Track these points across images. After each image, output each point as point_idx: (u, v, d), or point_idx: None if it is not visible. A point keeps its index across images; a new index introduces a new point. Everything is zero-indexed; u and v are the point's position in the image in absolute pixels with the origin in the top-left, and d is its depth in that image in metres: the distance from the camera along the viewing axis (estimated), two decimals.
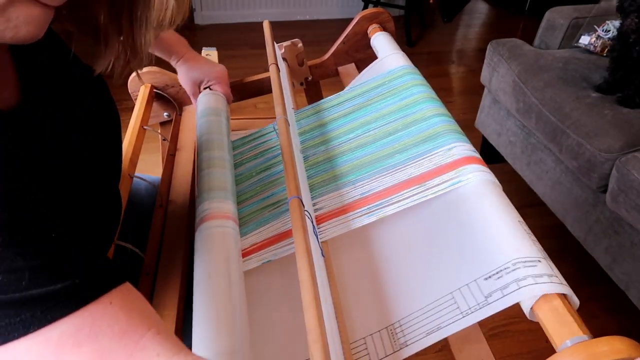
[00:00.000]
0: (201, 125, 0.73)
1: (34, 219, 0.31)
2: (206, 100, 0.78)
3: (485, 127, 1.71)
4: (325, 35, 2.88)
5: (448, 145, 0.62)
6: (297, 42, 0.92)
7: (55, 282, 0.30)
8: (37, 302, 0.29)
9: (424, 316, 0.50)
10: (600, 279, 1.41)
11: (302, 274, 0.45)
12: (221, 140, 0.71)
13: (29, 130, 0.41)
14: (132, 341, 0.32)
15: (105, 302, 0.32)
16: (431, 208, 0.58)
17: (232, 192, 0.65)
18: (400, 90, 0.74)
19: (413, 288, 0.54)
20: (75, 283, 0.31)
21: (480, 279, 0.48)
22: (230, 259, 0.54)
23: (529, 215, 1.66)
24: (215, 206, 0.60)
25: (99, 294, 0.32)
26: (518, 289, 0.45)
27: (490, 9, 3.43)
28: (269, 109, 0.99)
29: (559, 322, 0.41)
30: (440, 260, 0.54)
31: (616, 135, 1.21)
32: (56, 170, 0.42)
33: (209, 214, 0.58)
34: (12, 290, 0.28)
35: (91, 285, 0.32)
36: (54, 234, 0.31)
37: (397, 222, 0.60)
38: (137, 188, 0.77)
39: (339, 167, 0.68)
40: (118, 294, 0.33)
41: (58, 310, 0.30)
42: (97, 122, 0.52)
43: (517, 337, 1.33)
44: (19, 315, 0.29)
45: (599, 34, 1.56)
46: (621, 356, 0.36)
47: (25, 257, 0.29)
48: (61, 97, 0.47)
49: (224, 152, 0.69)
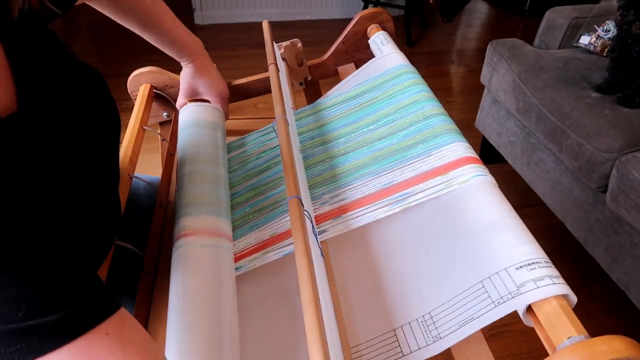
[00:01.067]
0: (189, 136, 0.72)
1: (29, 248, 0.31)
2: (201, 111, 0.77)
3: (485, 127, 1.71)
4: (325, 35, 2.88)
5: (447, 145, 0.62)
6: (297, 42, 0.92)
7: (51, 313, 0.30)
8: (33, 333, 0.29)
9: (453, 308, 0.50)
10: (600, 279, 1.41)
11: (302, 274, 0.45)
12: (216, 154, 0.70)
13: (28, 135, 0.40)
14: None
15: (102, 333, 0.32)
16: (430, 208, 0.58)
17: (225, 208, 0.65)
18: (398, 90, 0.74)
19: (430, 284, 0.54)
20: (71, 313, 0.31)
21: (486, 280, 0.48)
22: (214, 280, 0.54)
23: (529, 215, 1.66)
24: (203, 222, 0.60)
25: (95, 324, 0.32)
26: (520, 294, 0.44)
27: (490, 9, 3.43)
28: (268, 109, 0.99)
29: (557, 321, 0.41)
30: (446, 258, 0.54)
31: (616, 135, 1.21)
32: (56, 173, 0.41)
33: (194, 229, 0.58)
34: (8, 321, 0.28)
35: (87, 315, 0.32)
36: (50, 263, 0.31)
37: (398, 221, 0.60)
38: (137, 188, 0.77)
39: (338, 167, 0.68)
40: (114, 323, 0.33)
41: (55, 341, 0.30)
42: (96, 123, 0.52)
43: (517, 337, 1.33)
44: (15, 345, 0.29)
45: (599, 34, 1.56)
46: (620, 355, 0.36)
47: (19, 287, 0.29)
48: (59, 98, 0.46)
49: (218, 168, 0.69)
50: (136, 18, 0.71)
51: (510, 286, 0.46)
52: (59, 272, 0.32)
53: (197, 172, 0.66)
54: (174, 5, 3.19)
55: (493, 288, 0.47)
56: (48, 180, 0.38)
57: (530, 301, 0.43)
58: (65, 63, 0.49)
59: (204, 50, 0.80)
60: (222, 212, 0.63)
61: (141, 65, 0.87)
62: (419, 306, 0.53)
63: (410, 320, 0.53)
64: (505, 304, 0.45)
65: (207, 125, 0.75)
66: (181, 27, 0.77)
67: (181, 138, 0.73)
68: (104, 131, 0.53)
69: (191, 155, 0.69)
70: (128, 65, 0.81)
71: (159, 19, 0.73)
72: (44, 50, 0.47)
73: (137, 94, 0.85)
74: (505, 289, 0.46)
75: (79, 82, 0.50)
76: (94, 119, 0.51)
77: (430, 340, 0.50)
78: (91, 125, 0.50)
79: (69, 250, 0.34)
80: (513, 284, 0.45)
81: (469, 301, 0.49)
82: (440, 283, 0.53)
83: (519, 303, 0.44)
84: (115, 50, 2.65)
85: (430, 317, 0.51)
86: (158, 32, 0.74)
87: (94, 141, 0.51)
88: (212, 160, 0.69)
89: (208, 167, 0.68)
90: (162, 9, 0.74)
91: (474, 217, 0.53)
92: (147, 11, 0.71)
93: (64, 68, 0.48)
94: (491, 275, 0.48)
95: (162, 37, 0.75)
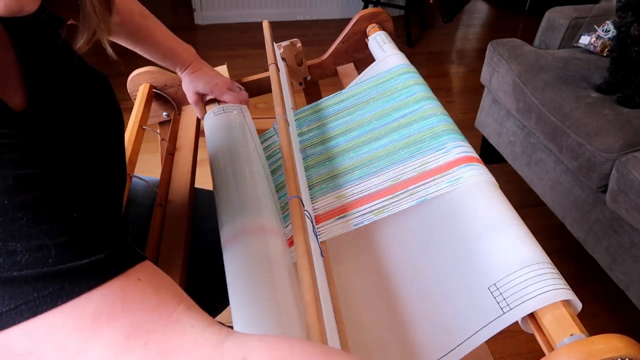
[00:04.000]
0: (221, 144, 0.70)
1: (55, 199, 0.32)
2: (220, 124, 0.75)
3: (485, 127, 1.71)
4: (325, 35, 2.88)
5: (446, 144, 0.62)
6: (296, 42, 0.92)
7: (82, 258, 0.31)
8: (65, 276, 0.30)
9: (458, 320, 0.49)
10: (600, 279, 1.41)
11: (303, 274, 0.45)
12: (247, 153, 0.69)
13: (36, 131, 0.41)
14: (166, 314, 0.32)
15: (134, 278, 0.32)
16: (430, 208, 0.58)
17: (268, 205, 0.62)
18: (398, 89, 0.74)
19: (432, 292, 0.53)
20: (101, 258, 0.31)
21: (492, 287, 0.48)
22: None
23: (529, 215, 1.66)
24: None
25: (126, 268, 0.32)
26: (524, 302, 0.44)
27: (490, 9, 3.43)
28: (268, 109, 0.99)
29: (556, 320, 0.41)
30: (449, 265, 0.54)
31: (616, 135, 1.21)
32: (63, 167, 0.42)
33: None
34: (39, 266, 0.29)
35: (117, 260, 0.32)
36: (75, 214, 0.32)
37: (398, 222, 0.60)
38: (136, 188, 0.77)
39: (338, 166, 0.68)
40: (144, 270, 0.34)
41: (86, 283, 0.30)
42: (101, 124, 0.53)
43: (517, 337, 1.33)
44: (47, 288, 0.29)
45: (599, 34, 1.56)
46: (619, 354, 0.36)
47: (50, 235, 0.30)
48: (67, 100, 0.48)
49: (252, 166, 0.67)
50: (126, 34, 0.73)
51: (515, 294, 0.45)
52: (84, 222, 0.33)
53: (231, 175, 0.65)
54: (174, 5, 3.17)
55: (500, 297, 0.46)
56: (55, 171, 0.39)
57: (534, 308, 0.43)
58: (72, 66, 0.50)
59: (196, 56, 0.82)
60: (263, 208, 0.61)
61: (141, 65, 0.87)
62: (425, 316, 0.53)
63: (416, 326, 0.52)
64: (511, 312, 0.45)
65: (234, 128, 0.74)
66: (171, 38, 0.78)
67: (211, 144, 0.72)
68: (109, 132, 0.54)
69: (224, 158, 0.68)
70: (128, 65, 0.81)
71: (148, 34, 0.75)
72: (53, 54, 0.48)
73: (136, 93, 0.85)
74: (511, 297, 0.45)
75: (85, 84, 0.52)
76: (99, 119, 0.52)
77: (441, 354, 0.49)
78: (96, 126, 0.51)
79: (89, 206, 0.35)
80: (517, 292, 0.45)
81: (476, 312, 0.48)
82: (442, 292, 0.52)
83: (520, 312, 0.44)
84: (115, 50, 2.65)
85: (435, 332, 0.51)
86: (149, 46, 0.76)
87: (99, 142, 0.52)
88: (245, 159, 0.68)
89: (242, 166, 0.66)
90: (150, 22, 0.75)
91: (473, 219, 0.53)
92: (137, 26, 0.73)
93: (71, 71, 0.50)
94: (497, 282, 0.47)
95: (152, 50, 0.77)
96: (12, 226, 0.29)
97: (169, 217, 0.70)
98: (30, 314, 0.29)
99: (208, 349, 0.31)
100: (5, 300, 0.28)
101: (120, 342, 0.30)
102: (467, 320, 0.48)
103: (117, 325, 0.30)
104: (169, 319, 0.32)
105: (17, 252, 0.29)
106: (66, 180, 0.35)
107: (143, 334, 0.31)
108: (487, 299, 0.47)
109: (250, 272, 0.52)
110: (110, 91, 0.56)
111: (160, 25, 0.77)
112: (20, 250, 0.29)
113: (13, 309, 0.28)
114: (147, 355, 0.30)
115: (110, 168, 0.54)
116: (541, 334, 0.42)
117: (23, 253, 0.29)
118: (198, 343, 0.31)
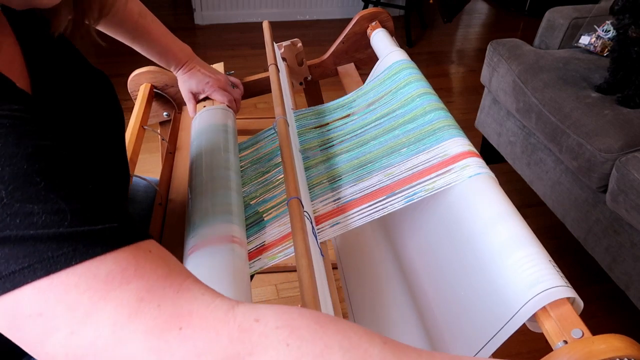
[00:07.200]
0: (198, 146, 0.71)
1: (72, 170, 0.33)
2: (204, 119, 0.76)
3: (485, 127, 1.71)
4: (325, 35, 2.88)
5: (445, 141, 0.62)
6: (297, 42, 0.92)
7: (96, 224, 0.31)
8: (79, 238, 0.30)
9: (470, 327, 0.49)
10: (600, 279, 1.41)
11: (302, 274, 0.45)
12: (226, 158, 0.69)
13: (42, 117, 0.42)
14: (177, 282, 0.33)
15: (145, 250, 0.33)
16: (431, 207, 0.58)
17: (237, 214, 0.63)
18: (397, 87, 0.74)
19: (439, 297, 0.53)
20: (115, 227, 0.32)
21: (498, 291, 0.47)
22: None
23: (529, 215, 1.66)
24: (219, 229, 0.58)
25: (137, 239, 0.33)
26: (530, 302, 0.44)
27: (490, 9, 3.43)
28: (268, 109, 0.99)
29: (556, 320, 0.41)
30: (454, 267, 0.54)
31: (616, 135, 1.21)
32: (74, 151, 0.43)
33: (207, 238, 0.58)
34: (55, 227, 0.30)
35: (129, 231, 0.33)
36: (90, 186, 0.34)
37: (399, 222, 0.60)
38: (136, 188, 0.77)
39: (337, 166, 0.68)
40: (154, 245, 0.35)
41: (99, 247, 0.31)
42: (102, 120, 0.53)
43: (517, 337, 1.32)
44: (62, 248, 0.30)
45: (599, 34, 1.56)
46: (619, 354, 0.36)
47: (66, 200, 0.31)
48: (68, 93, 0.49)
49: (229, 172, 0.68)
50: (124, 31, 0.75)
51: (521, 296, 0.45)
52: (99, 194, 0.34)
53: (208, 180, 0.65)
54: (174, 5, 3.17)
55: (506, 300, 0.46)
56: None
57: (538, 308, 0.43)
58: (74, 63, 0.52)
59: (192, 55, 0.83)
60: (234, 218, 0.62)
61: (141, 65, 0.87)
62: (432, 323, 0.53)
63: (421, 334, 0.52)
64: (519, 314, 0.45)
65: (215, 129, 0.74)
66: (168, 37, 0.80)
67: (193, 147, 0.73)
68: (111, 126, 0.55)
69: (200, 162, 0.68)
70: (128, 65, 0.82)
71: (145, 32, 0.77)
72: (55, 49, 0.50)
73: (137, 93, 0.85)
74: (517, 299, 0.45)
75: (87, 79, 0.53)
76: (102, 114, 0.54)
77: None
78: (99, 120, 0.52)
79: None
80: (523, 294, 0.45)
81: (486, 318, 0.48)
82: (448, 299, 0.52)
83: (527, 313, 0.44)
84: (115, 50, 2.65)
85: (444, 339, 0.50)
86: (146, 44, 0.78)
87: (102, 136, 0.53)
88: (223, 165, 0.68)
89: (220, 172, 0.67)
90: (148, 21, 0.77)
91: (474, 218, 0.53)
92: (135, 24, 0.75)
93: (74, 66, 0.52)
94: (500, 286, 0.47)
95: (149, 48, 0.79)
96: (30, 189, 0.30)
97: (169, 216, 0.70)
98: (44, 273, 0.29)
99: (221, 313, 0.32)
100: (19, 258, 0.29)
101: (132, 304, 0.30)
102: (483, 328, 0.48)
103: (130, 288, 0.31)
104: (180, 286, 0.33)
105: (33, 213, 0.30)
106: (79, 158, 0.35)
107: (155, 297, 0.31)
108: (498, 304, 0.47)
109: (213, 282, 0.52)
110: (111, 87, 0.57)
111: (158, 24, 0.79)
112: (37, 212, 0.30)
113: (27, 267, 0.29)
114: (160, 318, 0.31)
115: (113, 161, 0.55)
116: (545, 332, 0.42)
117: (40, 215, 0.30)
118: (210, 308, 0.32)
